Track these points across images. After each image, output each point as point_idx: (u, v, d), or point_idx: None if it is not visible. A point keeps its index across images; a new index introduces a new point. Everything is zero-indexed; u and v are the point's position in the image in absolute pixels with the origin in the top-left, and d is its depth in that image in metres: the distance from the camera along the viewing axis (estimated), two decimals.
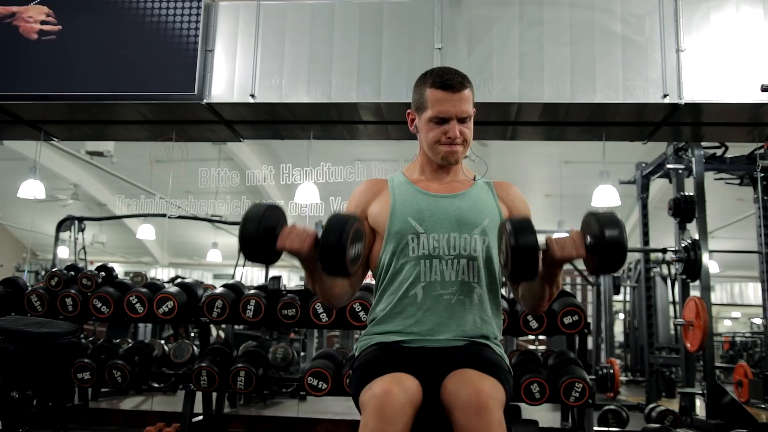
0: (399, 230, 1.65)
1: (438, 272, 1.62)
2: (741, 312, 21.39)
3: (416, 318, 1.62)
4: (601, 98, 3.67)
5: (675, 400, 6.56)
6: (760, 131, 4.08)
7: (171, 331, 7.60)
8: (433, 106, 1.65)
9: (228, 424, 4.31)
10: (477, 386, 1.42)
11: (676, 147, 5.57)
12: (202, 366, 3.64)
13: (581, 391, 3.36)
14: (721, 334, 14.37)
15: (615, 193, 4.86)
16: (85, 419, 4.41)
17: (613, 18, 3.73)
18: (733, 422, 4.46)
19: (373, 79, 3.79)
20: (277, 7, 3.95)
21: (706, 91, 3.64)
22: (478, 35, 3.79)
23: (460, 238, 1.64)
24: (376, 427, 1.38)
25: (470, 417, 1.38)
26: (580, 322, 3.53)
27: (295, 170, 4.44)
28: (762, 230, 5.34)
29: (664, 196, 7.42)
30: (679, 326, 5.19)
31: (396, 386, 1.43)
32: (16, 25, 4.00)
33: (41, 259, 14.94)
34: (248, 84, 3.88)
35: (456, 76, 1.66)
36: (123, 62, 3.92)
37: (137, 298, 3.82)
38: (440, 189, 1.71)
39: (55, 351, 3.27)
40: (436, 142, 1.66)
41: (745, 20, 3.70)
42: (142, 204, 5.01)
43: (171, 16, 3.93)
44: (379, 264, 1.70)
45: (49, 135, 4.67)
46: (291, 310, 3.67)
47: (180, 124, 4.34)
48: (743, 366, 6.29)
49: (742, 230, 11.12)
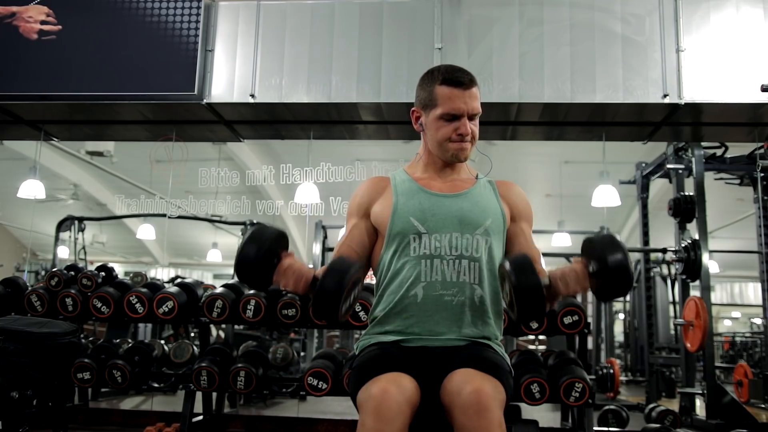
0: (401, 230, 1.65)
1: (439, 272, 1.62)
2: (741, 312, 21.38)
3: (416, 318, 1.62)
4: (601, 98, 3.67)
5: (675, 400, 6.55)
6: (760, 131, 4.08)
7: (171, 331, 7.60)
8: (444, 103, 1.64)
9: (228, 424, 4.31)
10: (477, 386, 1.42)
11: (676, 147, 5.56)
12: (202, 366, 3.63)
13: (581, 391, 3.35)
14: (721, 334, 14.37)
15: (615, 193, 4.86)
16: (85, 419, 4.42)
17: (613, 18, 3.73)
18: (733, 422, 4.46)
19: (373, 79, 3.79)
20: (277, 7, 3.95)
21: (706, 91, 3.64)
22: (478, 35, 3.79)
23: (462, 239, 1.63)
24: (373, 426, 1.38)
25: (470, 417, 1.38)
26: (580, 322, 3.53)
27: (295, 170, 4.44)
28: (762, 230, 5.33)
29: (664, 196, 7.42)
30: (679, 326, 5.18)
31: (393, 386, 1.43)
32: (16, 25, 4.00)
33: (41, 259, 14.93)
34: (248, 84, 3.88)
35: (465, 73, 1.66)
36: (123, 62, 3.92)
37: (137, 298, 3.82)
38: (443, 188, 1.70)
39: (55, 351, 3.27)
40: (446, 139, 1.66)
41: (745, 20, 3.70)
42: (142, 204, 5.01)
43: (171, 16, 3.93)
44: (380, 263, 1.70)
45: (49, 135, 4.67)
46: (291, 310, 3.67)
47: (180, 124, 4.34)
48: (743, 366, 6.29)
49: (742, 230, 11.11)
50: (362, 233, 1.71)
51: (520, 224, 1.74)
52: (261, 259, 1.48)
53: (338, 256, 1.57)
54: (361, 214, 1.72)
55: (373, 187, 1.75)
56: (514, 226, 1.73)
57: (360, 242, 1.71)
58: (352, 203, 1.76)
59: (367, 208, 1.72)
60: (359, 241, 1.71)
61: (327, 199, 4.45)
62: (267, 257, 1.49)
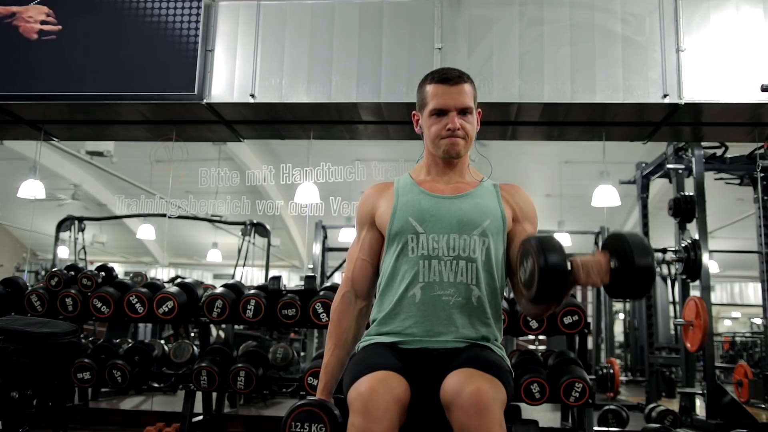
0: (399, 230, 1.66)
1: (436, 273, 1.62)
2: (741, 312, 21.39)
3: (415, 319, 1.62)
4: (601, 98, 3.67)
5: (675, 400, 6.56)
6: (760, 131, 4.07)
7: (171, 331, 7.60)
8: (432, 100, 1.67)
9: (228, 424, 4.31)
10: (477, 385, 1.41)
11: (676, 147, 5.56)
12: (202, 366, 3.64)
13: (581, 391, 3.36)
14: (721, 334, 14.38)
15: (615, 193, 4.86)
16: (85, 419, 4.41)
17: (613, 18, 3.73)
18: (733, 422, 4.46)
19: (373, 79, 3.79)
20: (277, 7, 3.95)
21: (706, 91, 3.64)
22: (478, 35, 3.79)
23: (459, 239, 1.63)
24: (361, 426, 1.39)
25: (470, 416, 1.38)
26: (580, 322, 3.53)
27: (295, 170, 4.44)
28: (762, 230, 5.33)
29: (664, 196, 7.42)
30: (679, 326, 5.18)
31: (381, 385, 1.43)
32: (16, 25, 4.00)
33: (41, 259, 14.95)
34: (248, 84, 3.87)
35: (454, 71, 1.69)
36: (123, 62, 3.92)
37: (137, 298, 3.82)
38: (445, 190, 1.71)
39: (55, 351, 3.27)
40: (437, 136, 1.67)
41: (745, 20, 3.70)
42: (142, 204, 5.01)
43: (171, 16, 3.93)
44: (382, 266, 1.71)
45: (49, 135, 4.67)
46: (291, 310, 3.67)
47: (180, 124, 4.33)
48: (743, 366, 6.28)
49: (742, 230, 11.12)
50: (372, 242, 1.74)
51: (523, 225, 1.74)
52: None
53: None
54: (369, 223, 1.75)
55: (377, 194, 1.77)
56: (517, 226, 1.73)
57: (371, 252, 1.74)
58: (359, 212, 1.79)
59: (372, 215, 1.74)
60: (370, 251, 1.74)
61: (327, 199, 4.45)
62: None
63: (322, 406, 1.64)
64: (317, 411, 1.62)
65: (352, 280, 1.75)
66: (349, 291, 1.75)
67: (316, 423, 1.60)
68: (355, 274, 1.75)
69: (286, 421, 1.62)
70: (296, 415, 1.62)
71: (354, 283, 1.75)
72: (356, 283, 1.75)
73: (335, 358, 1.73)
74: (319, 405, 1.64)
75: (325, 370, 1.73)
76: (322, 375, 1.73)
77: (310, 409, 1.62)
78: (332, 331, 1.75)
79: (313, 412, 1.62)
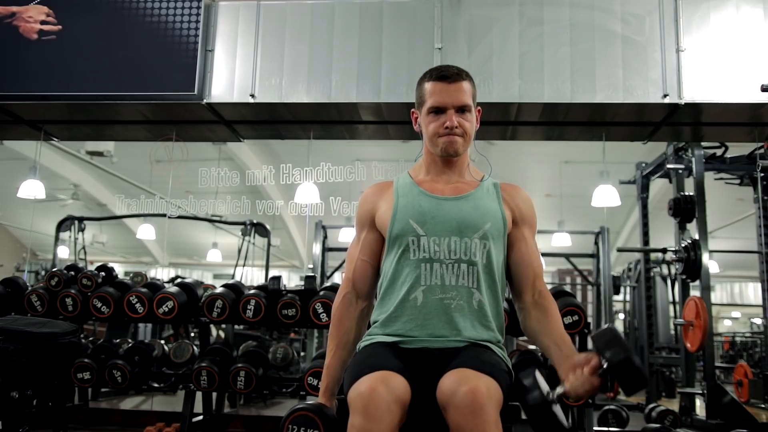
0: (400, 232, 1.65)
1: (438, 276, 1.62)
2: (741, 312, 21.39)
3: (416, 322, 1.62)
4: (601, 98, 3.67)
5: (675, 400, 6.56)
6: (760, 131, 4.07)
7: (171, 331, 7.60)
8: (430, 98, 1.67)
9: (228, 424, 4.31)
10: (472, 385, 1.41)
11: (676, 147, 5.56)
12: (202, 366, 3.64)
13: None
14: (721, 334, 14.39)
15: (615, 193, 4.86)
16: (85, 419, 4.41)
17: (613, 18, 3.73)
18: (733, 422, 4.46)
19: (373, 79, 3.79)
20: (277, 7, 3.95)
21: (706, 91, 3.64)
22: (478, 35, 3.79)
23: (460, 242, 1.62)
24: (362, 425, 1.38)
25: (465, 416, 1.38)
26: (580, 322, 3.53)
27: (295, 170, 4.44)
28: (762, 230, 5.33)
29: (664, 196, 7.42)
30: (679, 326, 5.18)
31: (381, 385, 1.42)
32: (16, 25, 4.00)
33: (41, 259, 14.94)
34: (248, 84, 3.87)
35: (452, 68, 1.69)
36: (123, 62, 3.92)
37: (137, 298, 3.82)
38: (445, 190, 1.70)
39: (55, 351, 3.27)
40: (435, 134, 1.67)
41: (745, 20, 3.69)
42: (142, 204, 5.01)
43: (171, 16, 3.92)
44: (383, 267, 1.71)
45: (49, 135, 4.67)
46: (291, 310, 3.67)
47: (180, 124, 4.33)
48: (743, 366, 6.29)
49: (742, 230, 11.11)
50: (372, 243, 1.74)
51: (521, 229, 1.73)
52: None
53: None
54: (369, 224, 1.74)
55: (376, 194, 1.76)
56: (516, 231, 1.72)
57: (371, 252, 1.74)
58: (358, 213, 1.78)
59: (371, 216, 1.74)
60: (370, 251, 1.74)
61: (327, 199, 4.45)
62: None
63: (319, 412, 1.64)
64: (312, 416, 1.62)
65: (353, 281, 1.75)
66: (349, 292, 1.75)
67: (311, 428, 1.60)
68: (355, 274, 1.74)
69: (283, 424, 1.62)
70: (293, 419, 1.62)
71: (355, 283, 1.75)
72: (357, 284, 1.74)
73: (337, 359, 1.72)
74: (316, 410, 1.64)
75: (327, 372, 1.73)
76: (324, 377, 1.73)
77: (306, 414, 1.63)
78: (333, 333, 1.74)
79: (309, 417, 1.62)
